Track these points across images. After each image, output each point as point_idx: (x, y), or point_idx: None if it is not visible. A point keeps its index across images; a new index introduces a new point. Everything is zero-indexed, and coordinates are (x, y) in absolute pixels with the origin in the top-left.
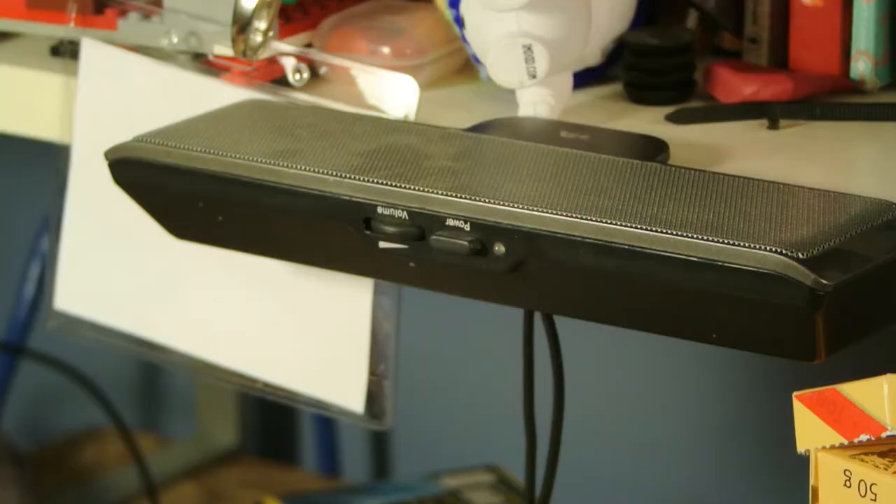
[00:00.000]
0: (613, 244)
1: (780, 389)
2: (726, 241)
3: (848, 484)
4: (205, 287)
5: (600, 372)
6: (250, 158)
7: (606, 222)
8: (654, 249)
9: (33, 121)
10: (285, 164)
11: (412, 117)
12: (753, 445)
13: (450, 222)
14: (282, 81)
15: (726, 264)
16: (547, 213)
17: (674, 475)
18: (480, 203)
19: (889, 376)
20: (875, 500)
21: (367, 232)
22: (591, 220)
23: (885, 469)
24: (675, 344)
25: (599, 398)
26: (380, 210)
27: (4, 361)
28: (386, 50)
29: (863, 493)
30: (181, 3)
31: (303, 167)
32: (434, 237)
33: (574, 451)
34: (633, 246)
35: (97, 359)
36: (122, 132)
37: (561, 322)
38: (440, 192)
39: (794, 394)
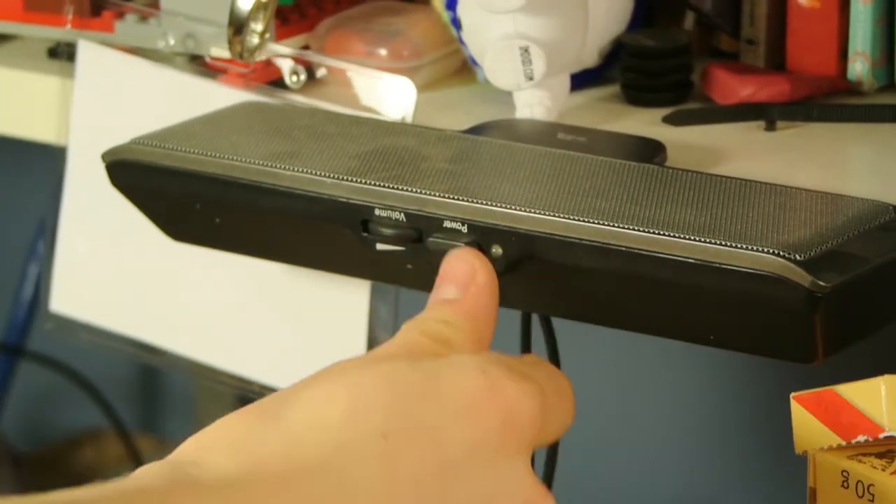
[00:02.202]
0: (611, 246)
1: (778, 390)
2: (724, 243)
3: (846, 484)
4: (202, 289)
5: (598, 374)
6: (248, 161)
7: (604, 224)
8: (652, 251)
9: (30, 123)
10: (282, 167)
11: (409, 119)
12: (751, 446)
13: (447, 224)
14: (279, 83)
15: (724, 266)
16: (544, 215)
17: (672, 476)
18: (478, 205)
19: (886, 377)
20: (872, 501)
21: (365, 234)
22: (589, 222)
23: (883, 469)
24: (674, 345)
25: (597, 400)
26: (377, 212)
27: (3, 363)
28: (383, 52)
29: (860, 493)
30: (178, 6)
31: (300, 169)
32: (431, 239)
33: (572, 452)
34: (630, 248)
35: (96, 360)
36: (119, 134)
37: (558, 324)
38: (437, 193)
39: (792, 395)
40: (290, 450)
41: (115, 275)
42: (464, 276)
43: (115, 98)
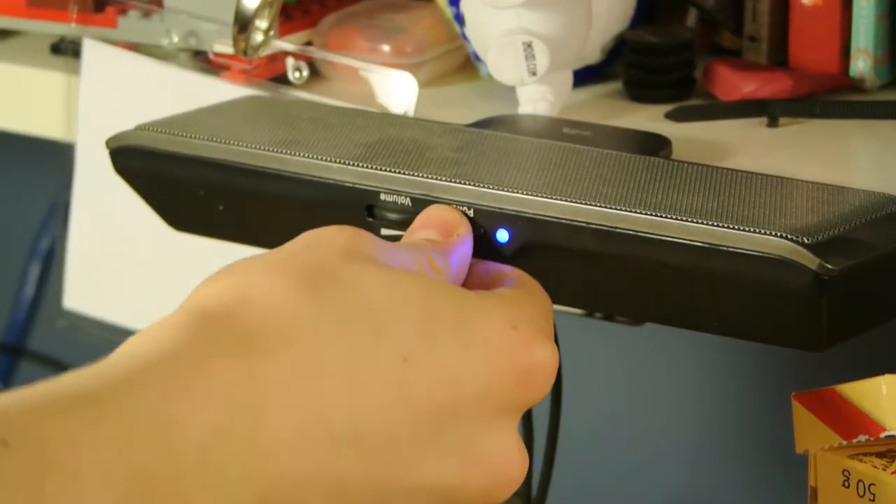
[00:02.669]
0: (617, 230)
1: (778, 390)
2: (731, 226)
3: (847, 484)
4: None
5: (598, 373)
6: (253, 146)
7: (611, 208)
8: (659, 235)
9: (34, 119)
10: (288, 152)
11: (412, 115)
12: (751, 446)
13: None
14: (282, 79)
15: (731, 249)
16: (551, 199)
17: (672, 474)
18: (484, 189)
19: (887, 377)
20: (873, 500)
21: (370, 219)
22: (596, 205)
23: (884, 469)
24: (676, 342)
25: (597, 399)
26: (382, 197)
27: (3, 363)
28: (386, 48)
29: (861, 493)
30: (181, 2)
31: (305, 155)
32: None
33: (571, 450)
34: (637, 231)
35: (97, 360)
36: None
37: (559, 320)
38: (443, 178)
39: (793, 394)
40: (320, 334)
41: (128, 271)
42: (447, 224)
43: (121, 95)
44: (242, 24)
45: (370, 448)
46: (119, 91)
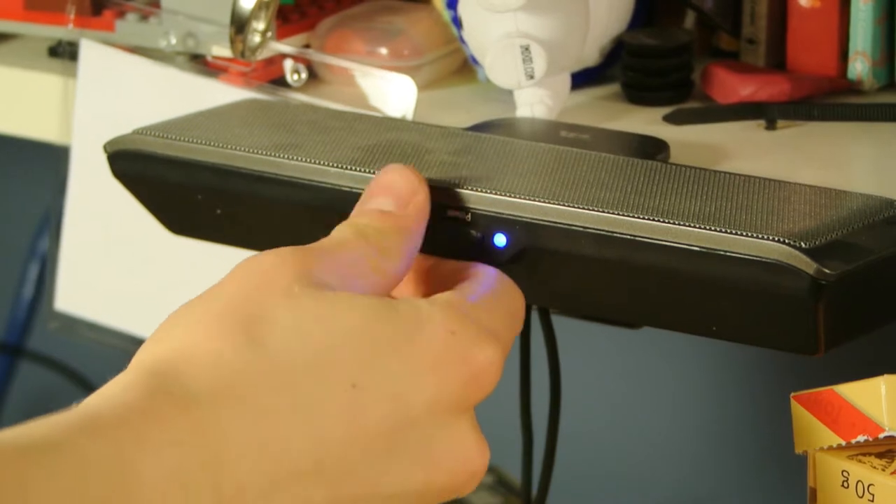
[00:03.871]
0: (615, 234)
1: (777, 390)
2: (728, 231)
3: (846, 484)
4: (205, 288)
5: (597, 373)
6: (251, 150)
7: (608, 212)
8: (657, 239)
9: (31, 122)
10: (286, 156)
11: (410, 118)
12: (752, 446)
13: (450, 213)
14: (280, 82)
15: (728, 253)
16: (548, 203)
17: (672, 474)
18: (481, 194)
19: (886, 377)
20: (873, 501)
21: None
22: (593, 210)
23: (883, 469)
24: (675, 343)
25: (596, 399)
26: None
27: (3, 363)
28: (383, 51)
29: (860, 493)
30: (178, 5)
31: (303, 159)
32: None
33: (571, 450)
34: (634, 236)
35: (96, 360)
36: (121, 133)
37: (558, 321)
38: (440, 183)
39: (792, 394)
40: (267, 380)
41: (120, 274)
42: (405, 192)
43: (116, 97)
44: (239, 25)
45: (335, 475)
46: (116, 92)
